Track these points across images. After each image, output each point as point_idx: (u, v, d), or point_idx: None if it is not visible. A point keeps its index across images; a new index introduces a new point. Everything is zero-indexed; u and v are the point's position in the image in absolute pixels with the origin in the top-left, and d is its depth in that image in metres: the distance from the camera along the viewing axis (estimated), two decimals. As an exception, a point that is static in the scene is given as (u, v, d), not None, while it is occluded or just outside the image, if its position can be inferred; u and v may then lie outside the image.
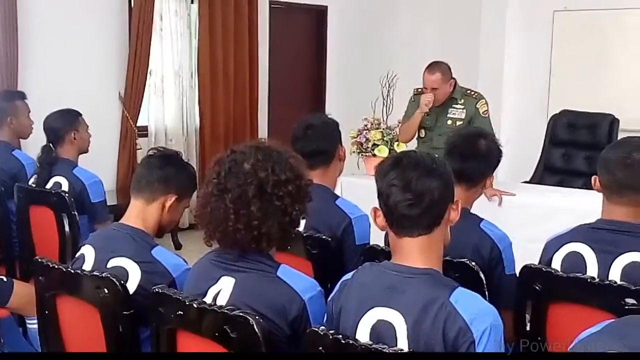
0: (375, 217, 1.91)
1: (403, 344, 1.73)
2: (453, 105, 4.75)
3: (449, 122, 4.73)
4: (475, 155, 2.66)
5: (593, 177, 2.46)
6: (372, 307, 1.79)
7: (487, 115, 4.68)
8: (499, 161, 2.77)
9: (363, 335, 1.78)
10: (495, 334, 1.71)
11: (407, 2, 7.72)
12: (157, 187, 2.44)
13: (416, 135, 4.89)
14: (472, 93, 4.76)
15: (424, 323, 1.72)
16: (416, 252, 1.82)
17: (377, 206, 1.89)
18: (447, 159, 2.58)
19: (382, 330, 1.76)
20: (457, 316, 1.70)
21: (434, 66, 4.71)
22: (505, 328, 2.45)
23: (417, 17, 7.66)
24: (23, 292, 3.13)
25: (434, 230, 1.84)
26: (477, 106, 4.69)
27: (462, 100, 4.74)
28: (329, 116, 3.13)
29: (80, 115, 3.86)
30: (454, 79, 4.75)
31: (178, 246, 6.10)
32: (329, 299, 1.95)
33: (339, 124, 3.12)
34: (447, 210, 1.87)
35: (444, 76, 4.67)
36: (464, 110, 4.71)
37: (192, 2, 6.75)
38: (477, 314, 1.71)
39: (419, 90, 4.85)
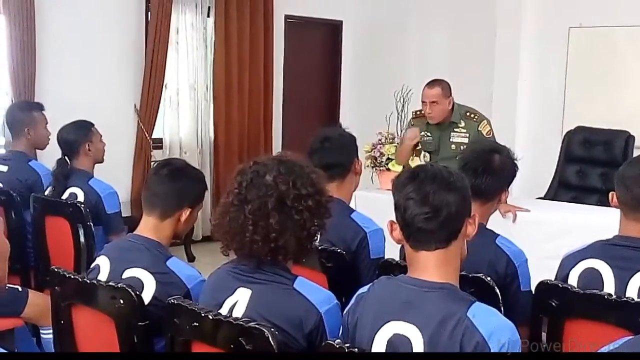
0: (391, 230, 1.90)
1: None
2: (455, 130, 4.67)
3: (453, 146, 4.65)
4: (490, 170, 2.63)
5: (610, 193, 2.45)
6: (389, 321, 1.78)
7: (490, 135, 4.60)
8: (514, 176, 2.75)
9: (379, 348, 1.78)
10: (513, 350, 1.71)
11: (422, 18, 7.74)
12: (169, 204, 2.45)
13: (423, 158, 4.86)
14: (472, 115, 4.67)
15: (440, 337, 1.71)
16: (433, 266, 1.81)
17: (393, 219, 1.88)
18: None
19: (398, 344, 1.75)
20: (474, 331, 1.69)
21: (433, 82, 4.67)
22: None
23: (432, 32, 7.68)
24: (38, 302, 3.15)
25: (451, 244, 1.83)
26: (480, 129, 4.60)
27: (463, 124, 4.66)
28: (346, 130, 3.12)
29: (93, 125, 3.87)
30: (452, 99, 4.67)
31: (191, 258, 6.10)
32: (345, 311, 1.94)
33: (355, 139, 3.12)
34: (464, 224, 1.86)
35: (443, 91, 4.60)
36: (467, 134, 4.63)
37: (208, 16, 6.79)
38: (495, 329, 1.71)
39: (417, 113, 4.82)
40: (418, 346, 1.73)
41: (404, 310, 1.77)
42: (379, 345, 1.78)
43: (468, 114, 4.67)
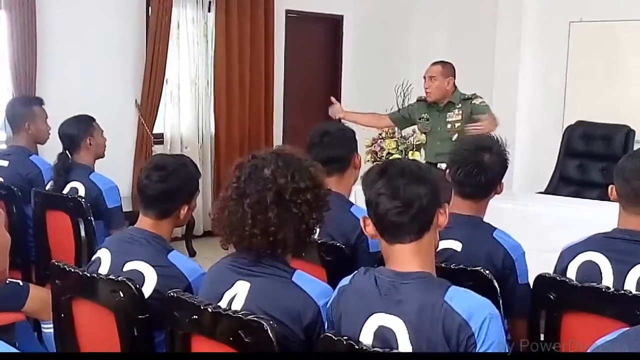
0: (365, 225, 1.93)
1: (406, 348, 1.74)
2: (452, 110, 4.82)
3: (449, 126, 4.80)
4: (482, 170, 2.59)
5: (610, 187, 2.45)
6: (372, 314, 1.80)
7: (484, 105, 4.75)
8: (506, 168, 2.70)
9: (366, 341, 1.79)
10: (495, 323, 1.74)
11: (423, 13, 7.72)
12: (165, 207, 2.45)
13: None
14: (469, 97, 4.82)
15: (423, 326, 1.73)
16: (409, 258, 1.84)
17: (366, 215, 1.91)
18: (455, 176, 2.59)
19: (384, 337, 1.77)
20: (454, 314, 1.72)
21: (438, 61, 4.90)
22: (518, 337, 2.46)
23: (433, 27, 7.67)
24: (39, 296, 3.16)
25: (424, 236, 1.86)
26: (473, 102, 4.76)
27: (460, 105, 4.80)
28: (346, 124, 3.14)
29: (94, 120, 3.87)
30: (454, 81, 4.83)
31: (192, 253, 6.11)
32: (328, 305, 1.95)
33: (355, 133, 3.13)
34: (435, 215, 1.88)
35: (443, 69, 4.81)
36: (461, 112, 4.77)
37: (209, 11, 6.78)
38: (473, 308, 1.74)
39: (421, 97, 5.00)
40: (403, 337, 1.75)
41: (385, 303, 1.79)
42: (366, 338, 1.80)
43: (466, 96, 4.82)
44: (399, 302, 1.77)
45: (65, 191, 3.67)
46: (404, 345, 1.74)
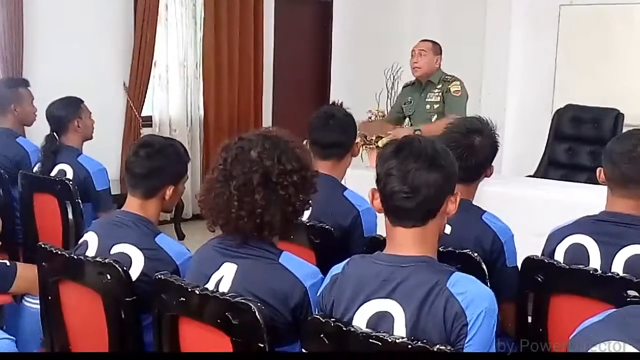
0: (372, 198, 1.90)
1: (401, 332, 1.72)
2: (432, 90, 4.86)
3: (428, 106, 4.85)
4: (472, 154, 2.59)
5: (598, 169, 2.45)
6: (368, 300, 1.78)
7: (458, 95, 4.76)
8: (496, 151, 2.70)
9: (360, 326, 1.77)
10: (489, 319, 1.71)
11: (413, -5, 7.71)
12: (151, 185, 2.44)
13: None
14: (448, 78, 4.85)
15: (422, 309, 1.71)
16: (410, 243, 1.82)
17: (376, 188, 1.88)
18: None
19: (379, 322, 1.75)
20: (454, 301, 1.70)
21: (427, 39, 4.98)
22: (506, 320, 2.46)
23: (423, 10, 7.66)
24: (27, 275, 3.11)
25: (429, 222, 1.83)
26: (449, 87, 4.78)
27: (440, 85, 4.83)
28: (348, 110, 3.07)
29: (82, 102, 3.84)
30: (440, 62, 4.89)
31: (181, 236, 6.10)
32: (318, 293, 1.93)
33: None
34: (444, 202, 1.85)
35: (433, 47, 4.88)
36: (440, 93, 4.81)
37: (197, -7, 6.74)
38: (473, 298, 1.71)
39: (408, 83, 5.06)
40: (400, 321, 1.73)
41: (384, 288, 1.77)
42: (360, 323, 1.77)
43: (446, 76, 4.86)
44: (398, 286, 1.75)
45: (52, 173, 3.65)
46: (400, 328, 1.72)
